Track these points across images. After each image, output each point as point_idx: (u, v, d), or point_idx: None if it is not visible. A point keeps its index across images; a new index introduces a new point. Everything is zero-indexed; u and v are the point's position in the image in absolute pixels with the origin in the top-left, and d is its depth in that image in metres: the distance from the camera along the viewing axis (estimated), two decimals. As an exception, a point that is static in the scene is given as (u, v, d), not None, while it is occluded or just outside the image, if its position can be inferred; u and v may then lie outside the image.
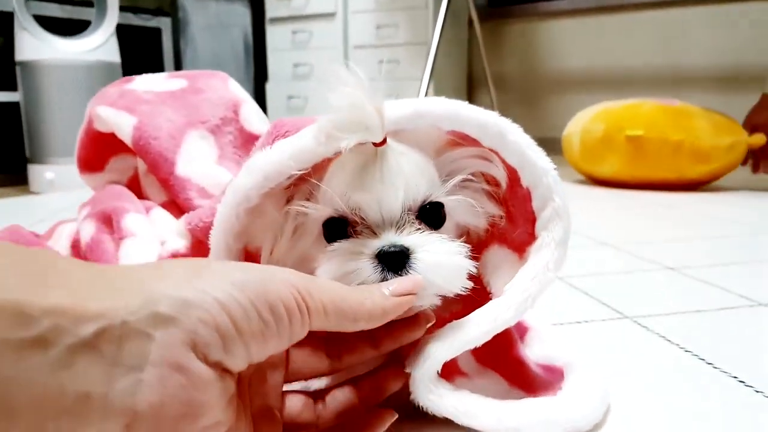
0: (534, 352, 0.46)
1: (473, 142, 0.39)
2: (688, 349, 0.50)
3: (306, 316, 0.29)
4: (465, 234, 0.43)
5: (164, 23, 2.60)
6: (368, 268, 0.34)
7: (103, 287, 0.24)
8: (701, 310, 0.60)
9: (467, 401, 0.37)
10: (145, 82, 0.65)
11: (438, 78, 2.60)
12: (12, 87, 1.89)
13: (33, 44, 1.78)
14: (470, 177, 0.42)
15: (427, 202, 0.38)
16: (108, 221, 0.53)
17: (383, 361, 0.38)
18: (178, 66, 2.57)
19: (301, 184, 0.39)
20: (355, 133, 0.33)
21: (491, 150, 0.39)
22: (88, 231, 0.53)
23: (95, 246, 0.51)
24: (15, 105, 1.91)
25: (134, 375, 0.23)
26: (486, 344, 0.45)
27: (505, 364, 0.44)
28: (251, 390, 0.32)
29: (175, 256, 0.46)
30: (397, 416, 0.36)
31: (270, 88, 2.96)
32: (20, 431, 0.21)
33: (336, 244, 0.36)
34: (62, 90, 1.79)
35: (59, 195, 1.65)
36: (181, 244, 0.47)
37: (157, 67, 2.52)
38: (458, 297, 0.37)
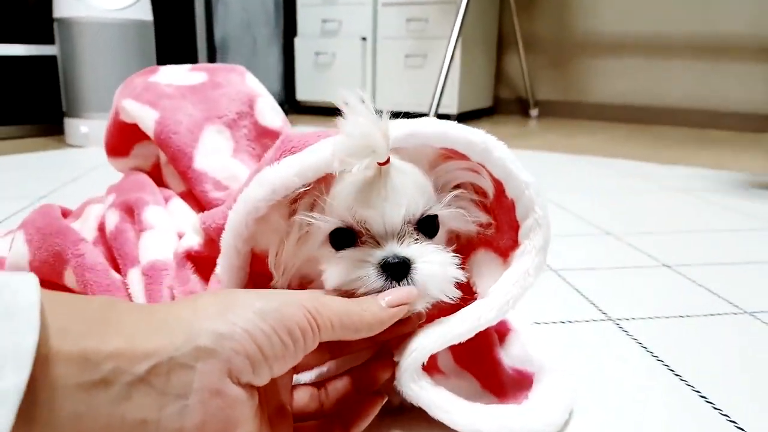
0: (510, 354, 0.51)
1: (463, 156, 0.43)
2: (661, 359, 0.53)
3: (317, 333, 0.34)
4: (455, 238, 0.48)
5: (196, -21, 2.60)
6: (373, 276, 0.40)
7: (153, 328, 0.29)
8: (687, 315, 0.63)
9: (443, 397, 0.42)
10: (169, 75, 0.69)
11: (467, 38, 2.57)
12: (51, 41, 1.94)
13: (69, 1, 1.82)
14: (461, 188, 0.46)
15: (424, 215, 0.43)
16: (130, 212, 0.58)
17: (376, 350, 0.43)
18: (209, 23, 2.58)
19: (304, 195, 0.43)
20: (365, 158, 0.38)
21: (479, 163, 0.43)
22: (113, 220, 0.58)
23: (119, 234, 0.56)
24: (53, 59, 1.96)
25: (181, 402, 0.28)
26: (466, 345, 0.50)
27: (480, 366, 0.49)
28: (267, 393, 0.37)
29: (189, 252, 0.51)
30: (386, 398, 0.42)
31: (298, 44, 2.96)
32: None
33: (344, 251, 0.41)
34: (96, 47, 1.84)
35: (93, 150, 1.71)
36: (196, 241, 0.51)
37: (189, 25, 2.54)
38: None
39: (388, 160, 0.39)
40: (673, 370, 0.51)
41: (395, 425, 0.44)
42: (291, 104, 3.06)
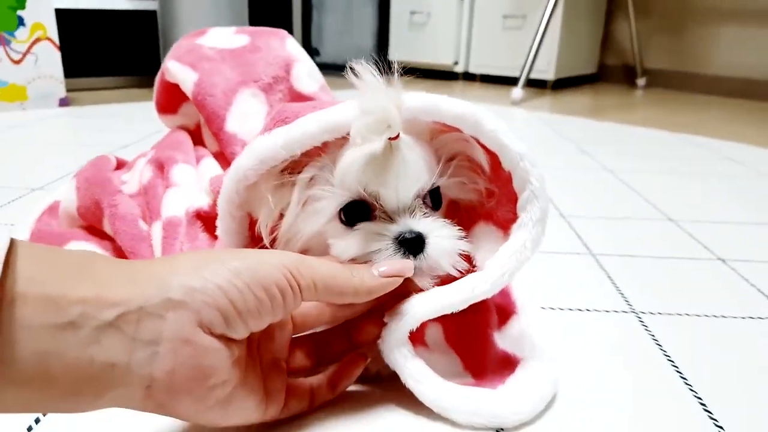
0: (506, 336, 0.50)
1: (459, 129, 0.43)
2: (672, 359, 0.50)
3: (298, 293, 0.35)
4: (456, 210, 0.48)
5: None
6: (391, 249, 0.41)
7: (125, 280, 0.31)
8: (719, 315, 0.59)
9: (419, 368, 0.42)
10: (214, 37, 0.71)
11: (571, 1, 2.44)
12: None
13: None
14: (460, 158, 0.45)
15: (432, 187, 0.43)
16: (161, 168, 0.61)
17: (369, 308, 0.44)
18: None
19: (300, 166, 0.44)
20: (382, 133, 0.38)
21: (473, 137, 0.42)
22: (147, 175, 0.62)
23: (149, 189, 0.60)
24: (154, 14, 2.07)
25: (151, 348, 0.30)
26: (459, 322, 0.50)
27: (469, 345, 0.48)
28: (261, 348, 0.39)
29: (199, 212, 0.53)
30: (369, 359, 0.43)
31: (394, 1, 2.94)
32: (60, 392, 0.28)
33: (360, 225, 0.42)
34: (193, 3, 1.92)
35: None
36: (205, 201, 0.54)
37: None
38: None
39: (398, 135, 0.39)
40: (682, 374, 0.48)
41: (370, 394, 0.44)
42: (384, 64, 3.05)
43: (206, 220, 0.53)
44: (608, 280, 0.66)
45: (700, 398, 0.45)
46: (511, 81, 2.23)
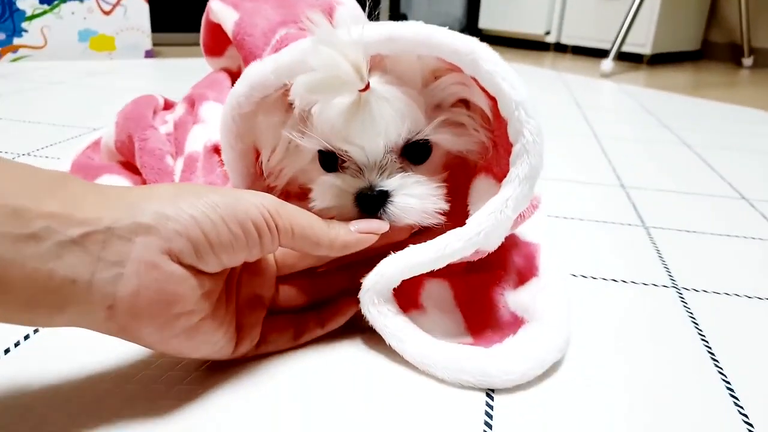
0: (517, 299, 0.46)
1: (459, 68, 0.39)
2: (705, 338, 0.45)
3: (275, 234, 0.35)
4: (455, 161, 0.45)
5: None
6: (348, 206, 0.40)
7: (96, 201, 0.30)
8: (752, 297, 0.52)
9: (400, 325, 0.40)
10: (261, -22, 0.70)
11: (676, -30, 2.28)
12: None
13: None
14: (460, 105, 0.42)
15: (410, 141, 0.41)
16: (192, 105, 0.61)
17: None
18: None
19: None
20: (330, 92, 0.36)
21: (472, 77, 0.39)
22: (179, 112, 0.62)
23: (180, 125, 0.60)
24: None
25: (116, 269, 0.30)
26: (469, 280, 0.47)
27: (475, 303, 0.45)
28: (241, 283, 0.39)
29: (216, 146, 0.53)
30: (358, 307, 0.41)
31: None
32: (17, 302, 0.28)
33: (325, 177, 0.41)
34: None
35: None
36: (221, 134, 0.53)
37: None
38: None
39: (367, 86, 0.36)
40: (713, 354, 0.43)
41: (358, 341, 0.42)
42: (473, 33, 2.97)
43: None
44: (655, 252, 0.60)
45: (727, 381, 0.40)
46: (605, 54, 2.10)
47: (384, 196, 0.40)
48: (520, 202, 0.38)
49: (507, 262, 0.49)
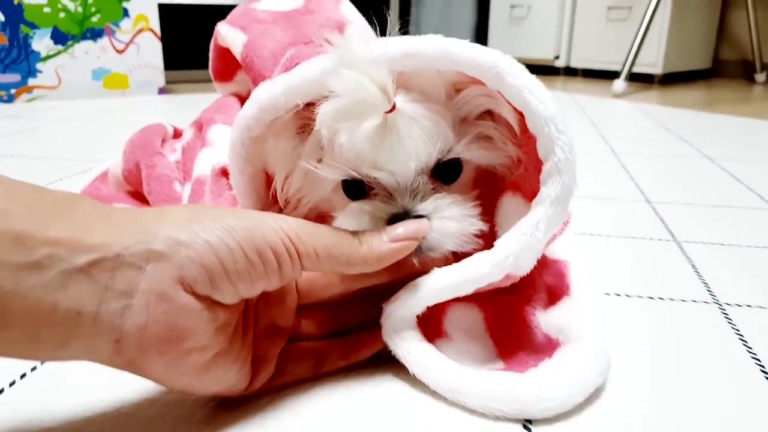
0: (550, 320, 0.43)
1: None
2: (756, 356, 0.42)
3: (296, 260, 0.32)
4: (484, 177, 0.43)
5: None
6: None
7: (104, 227, 0.28)
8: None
9: (424, 353, 0.37)
10: (269, 2, 0.69)
11: (683, -10, 2.27)
12: None
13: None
14: (487, 117, 0.40)
15: (441, 161, 0.39)
16: (201, 129, 0.60)
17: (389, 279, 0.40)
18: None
19: (305, 126, 0.40)
20: (358, 118, 0.34)
21: (498, 91, 0.37)
22: (187, 136, 0.60)
23: (188, 150, 0.58)
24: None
25: (124, 300, 0.27)
26: (496, 303, 0.44)
27: (506, 327, 0.42)
28: (258, 314, 0.36)
29: (225, 168, 0.51)
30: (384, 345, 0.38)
31: (494, -4, 2.86)
32: (17, 334, 0.26)
33: (354, 204, 0.38)
34: None
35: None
36: (230, 159, 0.51)
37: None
38: None
39: (394, 107, 0.34)
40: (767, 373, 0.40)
41: (381, 371, 0.39)
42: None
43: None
44: (691, 267, 0.57)
45: (787, 403, 0.36)
46: (616, 76, 2.09)
47: None
48: (552, 224, 0.35)
49: (536, 282, 0.46)
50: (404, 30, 0.37)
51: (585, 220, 0.70)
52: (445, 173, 0.39)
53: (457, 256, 0.38)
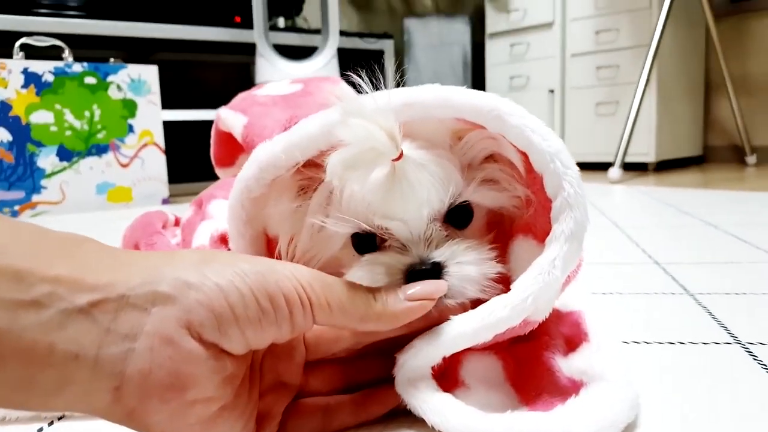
0: (571, 365, 0.41)
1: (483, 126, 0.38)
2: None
3: (308, 310, 0.30)
4: (495, 222, 0.42)
5: (387, 45, 2.77)
6: (399, 286, 0.35)
7: (109, 266, 0.27)
8: None
9: (442, 401, 0.35)
10: (269, 88, 0.72)
11: (665, 83, 2.38)
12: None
13: (267, 68, 2.05)
14: (493, 160, 0.40)
15: (453, 206, 0.38)
16: (200, 206, 0.60)
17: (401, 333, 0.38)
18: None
19: (310, 184, 0.40)
20: (368, 166, 0.33)
21: (500, 134, 0.37)
22: (187, 214, 0.61)
23: (187, 226, 0.59)
24: (251, 122, 2.20)
25: (127, 344, 0.26)
26: (515, 351, 0.42)
27: (526, 374, 0.40)
28: (264, 368, 0.34)
29: (224, 236, 0.50)
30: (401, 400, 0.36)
31: (485, 99, 2.98)
32: (9, 376, 0.24)
33: (368, 256, 0.38)
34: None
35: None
36: (231, 226, 0.51)
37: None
38: None
39: (401, 155, 0.34)
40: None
41: (394, 424, 0.37)
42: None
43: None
44: (707, 314, 0.55)
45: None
46: (609, 167, 2.14)
47: (438, 269, 0.35)
48: (569, 261, 0.34)
49: (552, 331, 0.44)
50: (401, 82, 0.38)
51: (597, 281, 0.69)
52: (457, 219, 0.39)
53: (474, 304, 0.37)
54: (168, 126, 1.97)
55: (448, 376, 0.39)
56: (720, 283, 0.66)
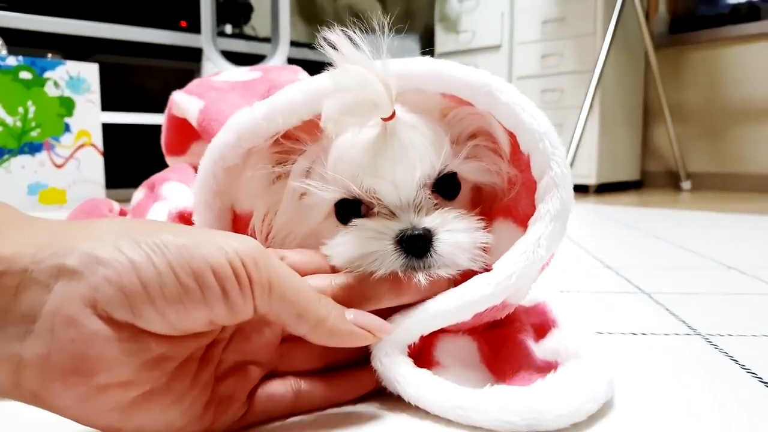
0: (544, 348, 0.40)
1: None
2: (753, 371, 0.40)
3: (247, 289, 0.27)
4: (479, 198, 0.41)
5: (337, 58, 2.77)
6: (390, 251, 0.34)
7: (19, 235, 0.24)
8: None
9: (418, 375, 0.34)
10: (227, 75, 0.69)
11: (607, 108, 2.46)
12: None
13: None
14: (479, 136, 0.39)
15: (442, 174, 0.37)
16: (153, 189, 0.57)
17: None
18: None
19: (299, 153, 0.38)
20: (364, 115, 0.32)
21: (488, 112, 0.36)
22: (138, 197, 0.57)
23: (137, 208, 0.55)
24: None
25: (25, 325, 0.23)
26: (489, 336, 0.41)
27: (501, 357, 0.39)
28: (228, 348, 0.31)
29: (182, 213, 0.48)
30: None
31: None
32: None
33: (356, 221, 0.36)
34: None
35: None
36: (190, 202, 0.48)
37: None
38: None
39: (393, 115, 0.33)
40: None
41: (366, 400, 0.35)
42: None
43: (190, 221, 0.48)
44: (666, 311, 0.56)
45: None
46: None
47: (429, 235, 0.34)
48: (554, 240, 0.34)
49: (522, 319, 0.44)
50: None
51: (552, 281, 0.69)
52: (445, 189, 0.38)
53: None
54: (108, 129, 1.89)
55: (422, 356, 0.37)
56: (672, 284, 0.68)
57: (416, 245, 0.33)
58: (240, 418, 0.31)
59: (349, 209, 0.37)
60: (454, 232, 0.34)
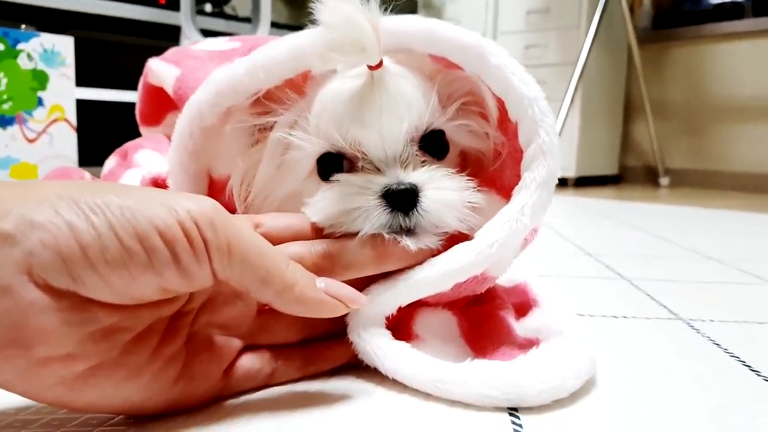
0: (525, 326, 0.39)
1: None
2: (736, 355, 0.39)
3: (202, 252, 0.25)
4: (465, 164, 0.40)
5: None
6: (374, 206, 0.32)
7: None
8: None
9: (395, 347, 0.33)
10: (205, 44, 0.67)
11: (589, 101, 2.47)
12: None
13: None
14: (468, 100, 0.38)
15: (429, 130, 0.35)
16: (125, 156, 0.55)
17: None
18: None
19: (276, 109, 0.37)
20: (350, 56, 0.31)
21: (477, 76, 0.35)
22: (110, 164, 0.55)
23: (110, 176, 0.53)
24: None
25: None
26: (469, 313, 0.40)
27: (481, 333, 0.38)
28: (197, 321, 0.29)
29: (156, 179, 0.46)
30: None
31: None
32: None
33: (339, 176, 0.34)
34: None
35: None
36: (165, 168, 0.46)
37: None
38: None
39: (380, 63, 0.32)
40: (754, 369, 0.37)
41: (340, 374, 0.34)
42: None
43: (165, 187, 0.46)
44: (647, 296, 0.55)
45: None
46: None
47: (415, 191, 0.32)
48: (538, 209, 0.32)
49: (503, 297, 0.43)
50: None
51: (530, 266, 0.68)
52: (433, 146, 0.36)
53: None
54: (83, 105, 1.84)
55: (400, 329, 0.36)
56: (653, 271, 0.67)
57: (402, 201, 0.32)
58: (211, 391, 0.30)
59: (331, 165, 0.35)
60: (442, 190, 0.33)
